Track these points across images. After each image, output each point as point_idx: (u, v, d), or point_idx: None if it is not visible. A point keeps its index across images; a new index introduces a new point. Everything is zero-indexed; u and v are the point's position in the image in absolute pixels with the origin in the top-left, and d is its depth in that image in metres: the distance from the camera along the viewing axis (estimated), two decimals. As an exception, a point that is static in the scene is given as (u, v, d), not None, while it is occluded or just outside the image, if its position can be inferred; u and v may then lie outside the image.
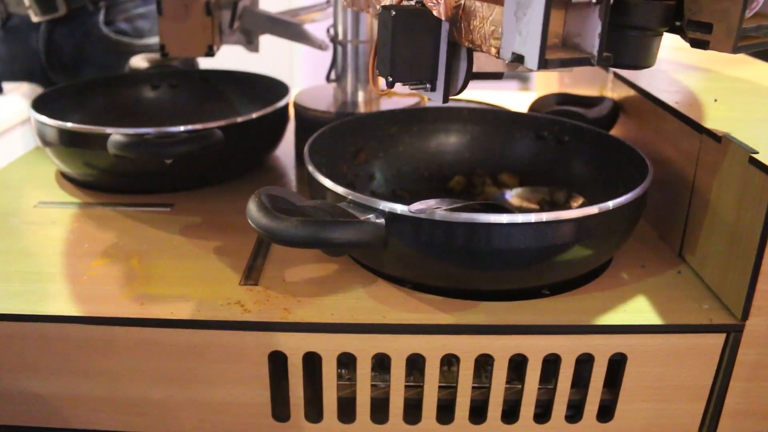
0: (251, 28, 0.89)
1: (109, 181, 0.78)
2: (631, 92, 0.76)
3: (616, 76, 0.81)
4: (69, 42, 1.19)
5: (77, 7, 1.16)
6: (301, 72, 2.35)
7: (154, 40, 1.22)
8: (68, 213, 0.73)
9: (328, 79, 0.88)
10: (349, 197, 0.54)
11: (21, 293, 0.58)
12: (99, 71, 1.16)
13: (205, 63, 1.02)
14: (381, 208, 0.52)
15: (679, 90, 0.73)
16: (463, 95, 0.52)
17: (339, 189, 0.55)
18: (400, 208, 0.51)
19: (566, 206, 0.67)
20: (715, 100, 0.69)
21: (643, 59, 0.52)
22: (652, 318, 0.55)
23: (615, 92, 0.82)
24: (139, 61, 1.02)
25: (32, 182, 0.82)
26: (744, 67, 0.84)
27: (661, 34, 0.53)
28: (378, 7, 0.58)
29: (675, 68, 0.82)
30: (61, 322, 0.55)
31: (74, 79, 1.16)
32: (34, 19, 1.15)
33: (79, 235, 0.68)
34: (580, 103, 0.82)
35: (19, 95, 1.05)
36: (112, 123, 0.74)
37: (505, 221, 0.50)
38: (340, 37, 0.83)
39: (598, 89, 0.87)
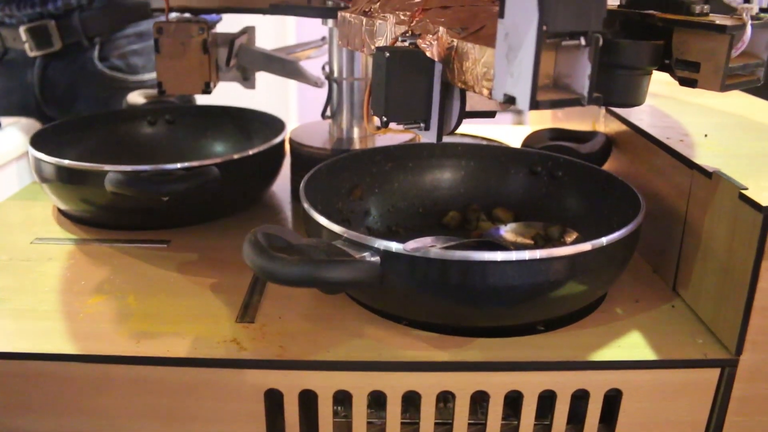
0: (247, 66, 0.90)
1: (106, 218, 0.79)
2: (623, 127, 0.77)
3: (608, 110, 0.82)
4: (63, 77, 1.20)
5: (72, 43, 1.17)
6: (297, 107, 2.37)
7: (148, 76, 1.24)
8: (65, 249, 0.73)
9: (323, 115, 0.89)
10: (345, 235, 0.54)
11: (16, 331, 0.58)
12: (93, 106, 1.18)
13: (201, 99, 1.03)
14: (376, 246, 0.52)
15: (670, 125, 0.74)
16: (458, 128, 0.53)
17: (334, 227, 0.55)
18: (395, 246, 0.52)
19: (560, 241, 0.68)
20: (706, 135, 0.70)
21: (632, 98, 0.53)
22: (646, 353, 0.55)
23: (607, 127, 0.83)
24: (136, 97, 1.03)
25: (29, 218, 0.82)
26: (734, 101, 0.85)
27: (651, 73, 0.54)
28: (372, 47, 0.59)
29: (666, 102, 0.83)
30: (56, 360, 0.55)
31: (68, 114, 1.17)
32: (30, 54, 1.17)
33: (76, 272, 0.68)
34: (573, 138, 0.83)
35: (16, 130, 1.05)
36: (109, 159, 0.75)
37: (499, 259, 0.51)
38: (336, 74, 0.84)
39: (591, 124, 0.88)
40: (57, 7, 1.15)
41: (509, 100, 0.44)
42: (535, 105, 0.43)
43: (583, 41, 0.43)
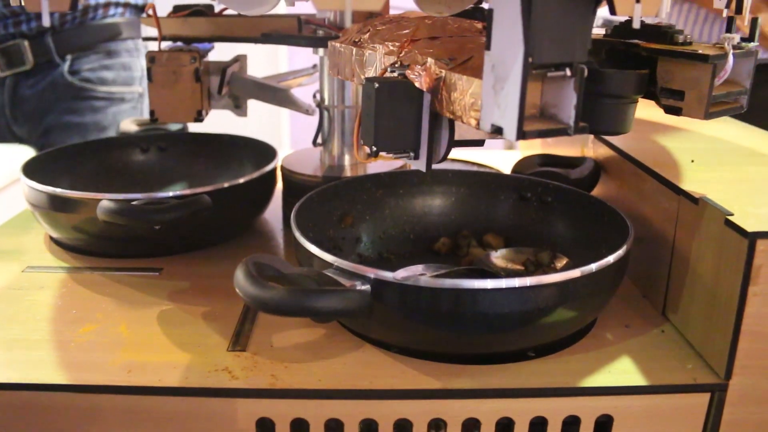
0: (239, 94, 0.91)
1: (98, 245, 0.79)
2: (611, 152, 0.78)
3: (597, 136, 0.83)
4: (33, 92, 1.22)
5: (44, 61, 1.19)
6: (290, 133, 2.39)
7: (116, 88, 1.25)
8: (56, 278, 0.73)
9: (314, 143, 0.89)
10: (335, 264, 0.54)
11: (7, 361, 0.58)
12: (62, 117, 1.19)
13: (193, 126, 1.03)
14: (366, 275, 0.52)
15: (658, 150, 0.75)
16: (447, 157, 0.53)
17: (325, 255, 0.56)
18: (385, 275, 0.52)
19: (551, 267, 0.68)
20: (692, 161, 0.71)
21: (619, 126, 0.54)
22: (637, 379, 0.56)
23: (596, 152, 0.84)
24: (128, 125, 1.04)
25: (20, 246, 0.82)
26: (720, 126, 0.86)
27: (636, 101, 0.54)
28: (362, 77, 0.60)
29: (653, 128, 0.84)
30: (46, 390, 0.55)
31: (38, 130, 1.19)
32: (1, 74, 1.18)
33: (67, 301, 0.68)
34: (563, 164, 0.84)
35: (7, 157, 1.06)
36: (102, 186, 0.75)
37: (489, 286, 0.51)
38: (327, 102, 0.85)
39: (580, 149, 0.89)
40: (30, 29, 1.16)
41: (497, 131, 0.45)
42: (522, 135, 0.43)
43: (568, 72, 0.44)
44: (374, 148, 0.50)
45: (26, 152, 1.19)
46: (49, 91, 1.22)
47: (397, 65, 0.53)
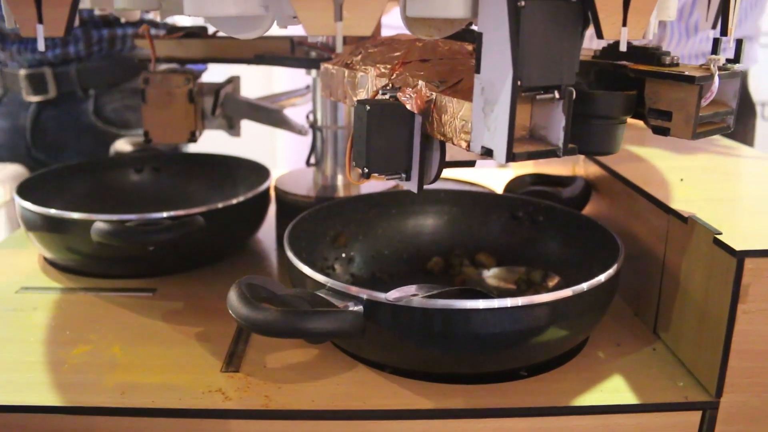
0: (233, 115, 0.91)
1: (92, 266, 0.79)
2: (602, 171, 0.79)
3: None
4: (55, 124, 1.21)
5: (67, 92, 1.19)
6: (284, 150, 2.39)
7: (139, 131, 1.25)
8: (50, 299, 0.73)
9: (308, 163, 0.90)
10: (328, 285, 0.55)
11: (0, 383, 0.58)
12: (80, 156, 1.18)
13: (187, 145, 1.04)
14: (359, 296, 0.53)
15: (647, 169, 0.76)
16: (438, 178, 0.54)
17: (318, 276, 0.56)
18: (377, 296, 0.52)
19: (543, 285, 0.69)
20: (681, 180, 0.71)
21: (608, 146, 0.55)
22: (629, 398, 0.56)
23: (587, 170, 0.84)
24: (122, 145, 1.04)
25: (14, 267, 0.82)
26: (710, 144, 0.87)
27: (625, 122, 0.55)
28: (354, 98, 0.60)
29: (643, 147, 0.85)
30: (40, 412, 0.55)
31: (56, 160, 1.18)
32: (26, 98, 1.18)
33: (61, 322, 0.68)
34: (554, 183, 0.84)
35: (2, 177, 1.06)
36: (96, 207, 0.76)
37: (481, 306, 0.52)
38: (320, 122, 0.86)
39: (571, 167, 0.89)
40: (55, 56, 1.16)
41: (487, 153, 0.45)
42: (511, 158, 0.44)
43: (557, 94, 0.45)
44: (366, 170, 0.51)
45: (20, 172, 1.19)
46: (71, 128, 1.21)
47: (388, 87, 0.53)
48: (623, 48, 0.47)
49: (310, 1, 0.39)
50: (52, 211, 0.75)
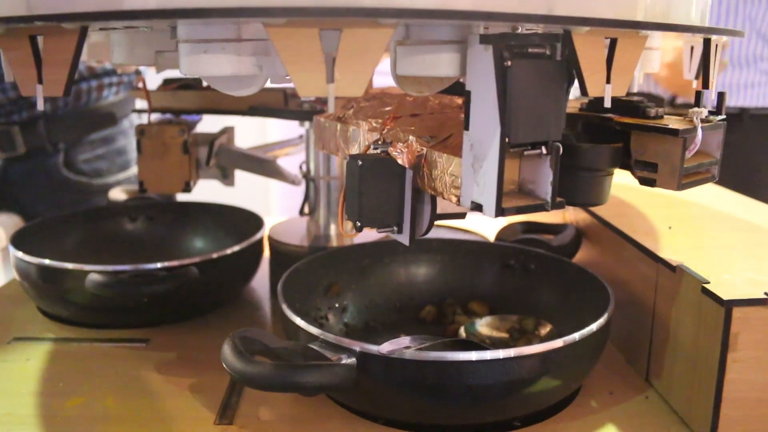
0: (227, 165, 0.93)
1: (86, 316, 0.79)
2: (591, 218, 0.80)
3: (577, 202, 0.85)
4: (25, 181, 1.18)
5: (36, 147, 1.17)
6: (276, 200, 2.41)
7: (112, 178, 1.24)
8: (43, 349, 0.73)
9: (301, 212, 0.91)
10: (321, 337, 0.55)
11: (-7, 439, 0.58)
12: (54, 210, 1.16)
13: (182, 194, 1.05)
14: (352, 348, 0.53)
15: (636, 217, 0.77)
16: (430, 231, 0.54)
17: (311, 329, 0.56)
18: (370, 348, 0.53)
19: (535, 334, 0.69)
20: (670, 227, 0.72)
21: (595, 198, 0.56)
22: (621, 447, 0.56)
23: (577, 217, 0.85)
24: (117, 194, 1.05)
25: (7, 316, 0.82)
26: (696, 190, 0.88)
27: (612, 173, 0.56)
28: (347, 152, 0.61)
29: (631, 194, 0.86)
30: (32, 468, 0.55)
31: (29, 216, 1.16)
32: None
33: (54, 373, 0.68)
34: (545, 230, 0.85)
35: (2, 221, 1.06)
36: (91, 256, 0.76)
37: (473, 358, 0.52)
38: (313, 173, 0.87)
39: (561, 214, 0.90)
40: (22, 118, 1.15)
41: (476, 208, 0.46)
42: (500, 212, 0.45)
43: (544, 150, 0.46)
44: (359, 224, 0.51)
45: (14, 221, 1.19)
46: (43, 182, 1.19)
47: (380, 142, 0.55)
48: (607, 104, 0.48)
49: (303, 63, 0.40)
50: (47, 262, 0.75)
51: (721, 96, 0.60)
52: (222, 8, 0.38)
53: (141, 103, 0.93)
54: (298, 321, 0.58)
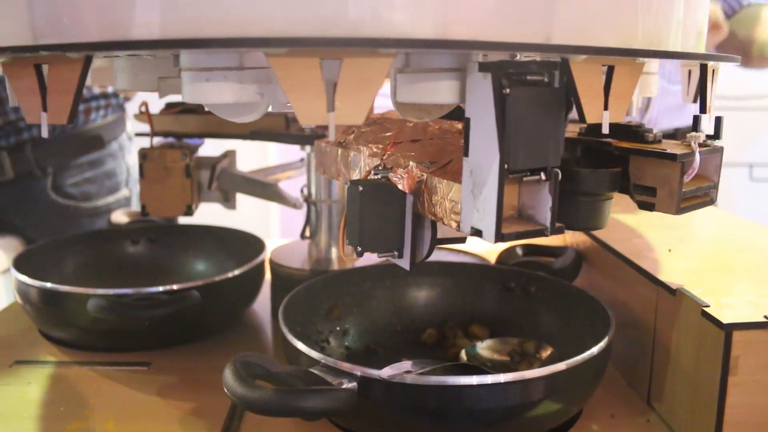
0: (228, 189, 0.93)
1: (87, 339, 0.79)
2: (591, 241, 0.80)
3: (577, 226, 0.85)
4: (14, 205, 1.19)
5: (24, 171, 1.17)
6: (277, 224, 2.42)
7: (101, 201, 1.24)
8: (44, 373, 0.73)
9: (302, 236, 0.91)
10: (322, 361, 0.55)
11: (-6, 465, 0.58)
12: (44, 234, 1.16)
13: (184, 218, 1.05)
14: (353, 372, 0.53)
15: (636, 240, 0.77)
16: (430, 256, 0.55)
17: (312, 353, 0.57)
18: (371, 372, 0.53)
19: (536, 357, 0.69)
20: (670, 250, 0.73)
21: (595, 222, 0.56)
22: (623, 472, 0.56)
23: (577, 239, 0.86)
24: (119, 216, 1.06)
25: (9, 339, 0.82)
26: (696, 213, 0.88)
27: (611, 197, 0.57)
28: (348, 176, 0.62)
29: (631, 217, 0.86)
30: (33, 494, 0.55)
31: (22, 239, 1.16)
32: None
33: (55, 397, 0.68)
34: (546, 253, 0.86)
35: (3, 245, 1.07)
36: (93, 279, 0.76)
37: (474, 383, 0.52)
38: (314, 196, 0.87)
39: (562, 237, 0.91)
40: (9, 143, 1.16)
41: (476, 233, 0.46)
42: (500, 238, 0.45)
43: (543, 176, 0.46)
44: (360, 249, 0.52)
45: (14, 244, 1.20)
46: (32, 206, 1.19)
47: (380, 167, 0.55)
48: (605, 131, 0.49)
49: (303, 91, 0.41)
50: (48, 285, 0.76)
51: (718, 121, 0.60)
52: (224, 39, 0.39)
53: (142, 127, 0.94)
54: (300, 345, 0.58)
